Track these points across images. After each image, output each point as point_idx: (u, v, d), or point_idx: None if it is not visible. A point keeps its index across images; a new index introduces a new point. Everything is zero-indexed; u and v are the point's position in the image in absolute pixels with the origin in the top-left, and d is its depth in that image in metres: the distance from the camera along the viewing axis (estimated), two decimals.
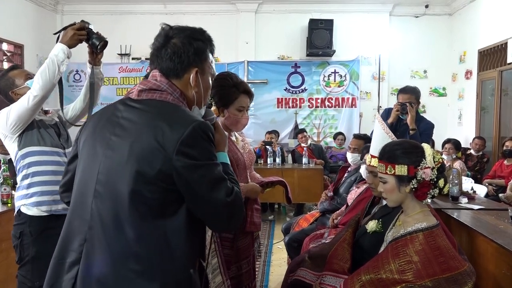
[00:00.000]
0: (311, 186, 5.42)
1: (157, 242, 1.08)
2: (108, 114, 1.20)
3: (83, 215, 1.13)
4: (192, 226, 1.14)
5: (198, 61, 1.22)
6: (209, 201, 1.11)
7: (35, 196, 2.08)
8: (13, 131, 2.04)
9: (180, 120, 1.11)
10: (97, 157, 1.15)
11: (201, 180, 1.09)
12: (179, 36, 1.20)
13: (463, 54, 6.68)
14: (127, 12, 7.17)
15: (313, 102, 7.21)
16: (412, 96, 3.27)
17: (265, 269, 3.82)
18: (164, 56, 1.20)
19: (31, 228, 2.06)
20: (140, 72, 7.22)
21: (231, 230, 1.80)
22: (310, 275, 1.96)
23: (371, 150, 2.14)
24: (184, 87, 1.22)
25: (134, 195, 1.07)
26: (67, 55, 2.01)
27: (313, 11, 7.00)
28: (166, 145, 1.07)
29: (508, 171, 4.93)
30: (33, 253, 2.05)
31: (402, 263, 1.58)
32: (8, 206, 2.95)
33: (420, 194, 1.67)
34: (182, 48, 1.19)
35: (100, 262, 1.08)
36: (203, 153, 1.11)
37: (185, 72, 1.21)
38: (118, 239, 1.07)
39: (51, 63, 1.98)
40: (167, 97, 1.18)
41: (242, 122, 1.96)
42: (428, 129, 3.29)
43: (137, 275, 1.06)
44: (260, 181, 2.08)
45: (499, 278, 1.96)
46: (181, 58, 1.19)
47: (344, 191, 3.37)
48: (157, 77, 1.21)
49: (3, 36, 6.01)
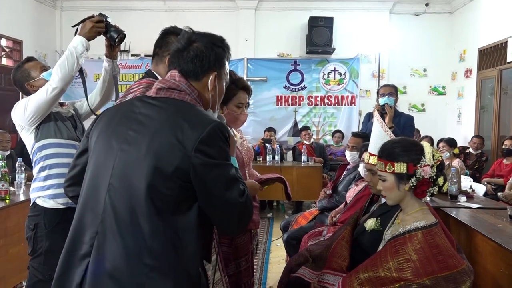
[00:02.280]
0: (310, 184, 5.42)
1: (171, 238, 1.10)
2: (125, 110, 1.22)
3: (96, 208, 1.13)
4: (203, 225, 1.16)
5: (218, 66, 1.27)
6: (222, 200, 1.13)
7: (52, 189, 2.07)
8: (31, 123, 2.05)
9: (199, 119, 1.14)
10: (112, 152, 1.15)
11: (217, 178, 1.11)
12: (201, 40, 1.25)
13: (463, 52, 6.67)
14: (126, 9, 7.14)
15: (312, 100, 7.21)
16: (393, 89, 3.68)
17: (264, 267, 3.82)
18: (186, 58, 1.23)
19: (46, 220, 2.06)
20: (139, 68, 7.20)
21: (239, 231, 1.82)
22: (310, 273, 1.96)
23: (369, 148, 2.14)
24: (201, 89, 1.25)
25: (151, 190, 1.08)
26: (85, 48, 2.01)
27: (313, 8, 6.99)
28: (185, 142, 1.09)
29: (507, 170, 4.93)
30: (47, 245, 2.04)
31: (401, 261, 1.58)
32: (6, 202, 2.94)
33: (419, 192, 1.67)
34: (204, 52, 1.24)
35: (113, 255, 1.08)
36: (220, 153, 1.13)
37: (204, 75, 1.25)
38: (133, 233, 1.08)
39: (70, 55, 1.98)
40: (185, 97, 1.21)
41: (241, 118, 1.96)
42: (408, 121, 3.64)
43: (151, 270, 1.08)
44: (259, 178, 2.08)
45: (497, 277, 1.96)
46: (202, 61, 1.23)
47: (343, 189, 3.37)
48: (176, 77, 1.23)
49: (2, 32, 6.00)
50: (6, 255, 2.90)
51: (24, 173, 3.33)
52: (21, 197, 3.14)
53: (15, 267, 3.01)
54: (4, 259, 2.88)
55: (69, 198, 1.38)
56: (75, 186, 1.28)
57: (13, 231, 2.96)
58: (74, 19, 2.16)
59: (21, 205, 3.07)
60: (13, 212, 2.96)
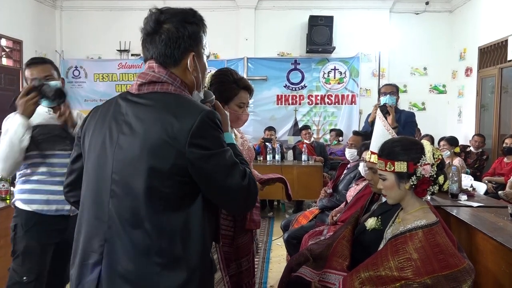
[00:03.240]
0: (310, 183, 5.42)
1: (178, 234, 1.09)
2: (111, 112, 1.18)
3: (100, 215, 1.13)
4: (208, 213, 1.16)
5: (194, 45, 1.20)
6: (225, 187, 1.12)
7: (27, 193, 2.09)
8: None
9: (186, 111, 1.11)
10: (108, 158, 1.14)
11: (216, 168, 1.10)
12: (171, 20, 1.17)
13: (463, 51, 6.66)
14: (126, 8, 7.13)
15: (312, 99, 7.20)
16: (394, 88, 3.67)
17: (264, 266, 3.82)
18: (159, 43, 1.16)
19: (23, 221, 2.08)
20: (139, 68, 7.19)
21: (247, 211, 1.82)
22: (310, 273, 1.96)
23: (371, 147, 2.14)
24: (182, 74, 1.20)
25: (150, 191, 1.08)
26: (26, 128, 1.93)
27: (313, 7, 6.98)
28: (177, 138, 1.07)
29: (507, 168, 4.92)
30: (23, 246, 2.06)
31: (402, 260, 1.58)
32: (7, 202, 2.94)
33: (420, 190, 1.67)
34: (176, 33, 1.16)
35: (123, 259, 1.09)
36: (214, 142, 1.11)
37: (182, 58, 1.19)
38: (139, 236, 1.08)
39: (10, 143, 1.92)
40: (169, 87, 1.16)
41: (242, 118, 1.95)
42: (409, 117, 3.63)
43: (162, 268, 1.08)
44: (259, 178, 2.08)
45: (498, 275, 1.95)
46: (177, 43, 1.16)
47: (343, 188, 3.37)
48: (155, 68, 1.18)
49: (2, 32, 5.99)
50: (6, 255, 2.88)
51: None
52: None
53: None
54: (4, 259, 2.87)
55: (70, 203, 1.37)
56: (76, 191, 1.26)
57: None
58: (74, 19, 2.13)
59: None
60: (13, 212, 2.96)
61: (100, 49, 7.25)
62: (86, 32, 7.19)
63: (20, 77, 6.29)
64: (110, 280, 1.09)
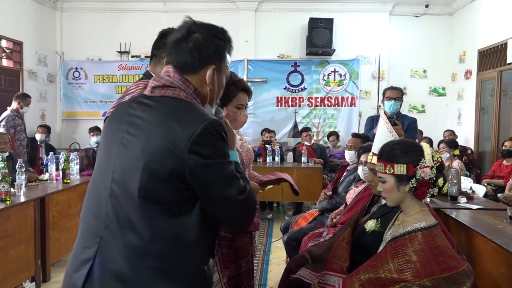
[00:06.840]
0: (310, 185, 5.41)
1: (173, 240, 1.09)
2: (123, 111, 1.21)
3: (99, 213, 1.13)
4: (207, 223, 1.15)
5: (217, 59, 1.22)
6: (222, 199, 1.11)
7: None
8: None
9: (191, 118, 1.10)
10: (112, 156, 1.15)
11: (214, 178, 1.09)
12: (201, 31, 1.20)
13: (463, 54, 6.68)
14: (126, 10, 7.15)
15: (312, 101, 7.21)
16: (399, 92, 3.57)
17: (264, 268, 3.82)
18: (184, 49, 1.18)
19: None
20: (139, 70, 7.21)
21: (243, 228, 1.79)
22: (310, 275, 1.96)
23: (373, 148, 2.14)
24: (198, 83, 1.20)
25: (144, 193, 1.07)
26: None
27: (313, 10, 6.99)
28: (178, 144, 1.06)
29: (507, 171, 4.92)
30: None
31: (401, 262, 1.58)
32: (7, 203, 2.94)
33: (419, 193, 1.67)
34: (203, 44, 1.18)
35: (116, 259, 1.08)
36: (215, 152, 1.10)
37: (202, 68, 1.20)
38: (133, 237, 1.08)
39: None
40: (180, 93, 1.17)
41: (241, 120, 1.96)
42: (412, 123, 3.58)
43: (155, 272, 1.08)
44: (259, 179, 2.08)
45: (497, 278, 1.96)
46: (201, 53, 1.18)
47: (343, 190, 3.37)
48: (170, 73, 1.19)
49: (2, 33, 5.99)
50: (7, 256, 2.90)
51: (24, 174, 3.33)
52: (21, 198, 3.15)
53: (16, 268, 3.01)
54: (4, 260, 2.88)
55: None
56: None
57: (13, 232, 2.96)
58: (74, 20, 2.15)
59: (22, 206, 3.07)
60: (13, 213, 2.97)
61: (100, 51, 7.26)
62: (86, 33, 7.20)
63: (20, 78, 6.31)
64: (102, 278, 1.09)
